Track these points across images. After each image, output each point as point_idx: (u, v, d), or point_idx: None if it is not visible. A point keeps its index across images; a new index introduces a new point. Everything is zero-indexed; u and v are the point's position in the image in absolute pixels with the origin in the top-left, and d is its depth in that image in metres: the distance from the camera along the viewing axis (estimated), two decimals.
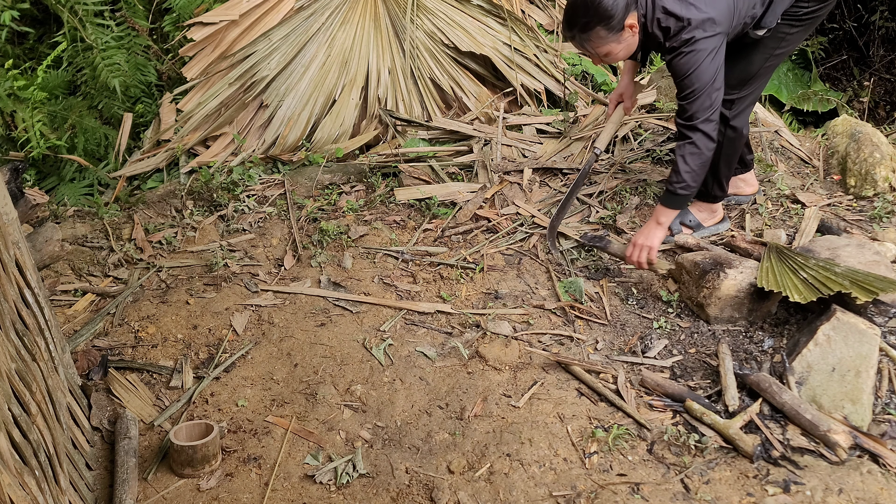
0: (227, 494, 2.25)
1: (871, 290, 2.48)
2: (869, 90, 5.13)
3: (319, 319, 2.88)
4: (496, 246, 3.22)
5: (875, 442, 2.32)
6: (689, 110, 2.71)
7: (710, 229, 3.22)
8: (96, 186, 3.89)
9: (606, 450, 2.36)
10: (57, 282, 3.07)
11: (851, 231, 3.21)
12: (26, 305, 2.18)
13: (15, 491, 1.63)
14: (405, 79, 4.12)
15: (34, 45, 4.34)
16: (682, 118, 2.75)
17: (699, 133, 2.72)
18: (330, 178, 3.71)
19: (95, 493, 2.26)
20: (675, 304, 2.90)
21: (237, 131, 4.05)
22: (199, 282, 3.06)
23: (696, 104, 2.69)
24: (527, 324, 2.85)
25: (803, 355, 2.48)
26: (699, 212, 3.21)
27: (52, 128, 3.99)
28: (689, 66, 2.65)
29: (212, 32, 4.15)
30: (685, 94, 2.70)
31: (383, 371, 2.67)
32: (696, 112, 2.70)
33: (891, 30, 5.22)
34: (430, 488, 2.27)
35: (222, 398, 2.57)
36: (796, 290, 2.58)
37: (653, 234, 2.88)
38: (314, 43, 4.15)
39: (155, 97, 4.30)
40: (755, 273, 2.75)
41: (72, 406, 2.37)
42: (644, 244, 2.88)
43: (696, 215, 3.21)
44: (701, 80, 2.65)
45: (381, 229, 3.33)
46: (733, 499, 2.19)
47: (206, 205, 3.57)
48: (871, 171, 3.50)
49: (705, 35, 2.62)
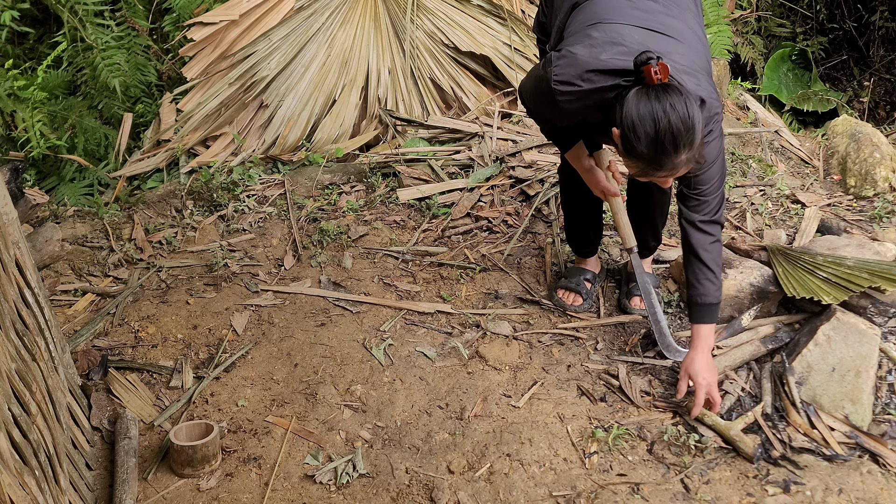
0: (227, 494, 2.25)
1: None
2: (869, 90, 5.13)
3: (319, 319, 2.88)
4: (496, 246, 3.22)
5: (876, 442, 2.32)
6: (712, 203, 2.30)
7: None
8: (96, 186, 3.89)
9: (606, 450, 2.36)
10: (57, 282, 3.07)
11: (851, 231, 3.21)
12: (26, 305, 2.18)
13: (15, 491, 1.63)
14: (405, 79, 4.12)
15: (34, 45, 4.34)
16: (703, 215, 2.31)
17: (720, 226, 2.36)
18: (330, 178, 3.71)
19: (95, 493, 2.26)
20: (675, 303, 2.90)
21: (237, 131, 4.05)
22: (199, 282, 3.06)
23: (718, 195, 2.31)
24: (527, 324, 2.85)
25: (803, 355, 2.48)
26: (653, 275, 2.91)
27: (52, 128, 3.99)
28: (714, 152, 2.22)
29: (212, 32, 4.15)
30: (710, 186, 2.27)
31: (383, 371, 2.67)
32: (718, 204, 2.31)
33: (891, 30, 5.23)
34: (430, 488, 2.27)
35: (222, 398, 2.57)
36: (824, 291, 2.55)
37: (712, 363, 2.41)
38: (314, 43, 4.15)
39: (155, 97, 4.30)
40: (755, 273, 2.75)
41: (72, 406, 2.37)
42: (712, 380, 2.38)
43: (654, 279, 2.89)
44: (722, 165, 2.28)
45: (381, 229, 3.33)
46: (733, 499, 2.19)
47: (206, 205, 3.57)
48: (871, 171, 3.50)
49: (720, 113, 2.25)
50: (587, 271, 2.92)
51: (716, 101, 2.18)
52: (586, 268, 2.93)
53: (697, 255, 2.35)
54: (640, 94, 2.00)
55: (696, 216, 2.32)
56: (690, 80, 2.11)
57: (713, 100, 2.17)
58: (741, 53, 4.93)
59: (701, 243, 2.34)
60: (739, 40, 4.95)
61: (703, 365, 2.38)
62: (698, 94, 2.09)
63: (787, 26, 5.27)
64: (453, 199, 3.49)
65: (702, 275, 2.35)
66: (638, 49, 2.05)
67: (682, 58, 2.16)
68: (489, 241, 3.25)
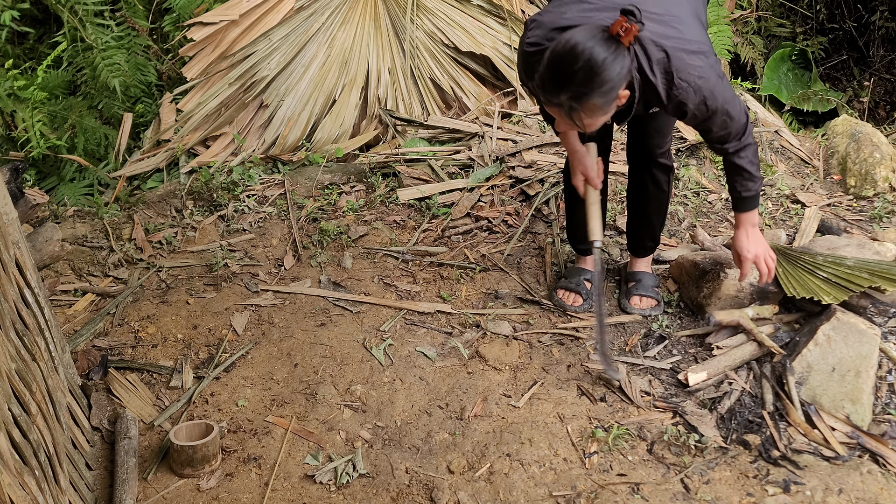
0: (227, 494, 2.25)
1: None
2: (869, 90, 5.13)
3: (319, 319, 2.88)
4: (496, 246, 3.22)
5: (878, 442, 2.32)
6: (733, 133, 2.34)
7: None
8: (96, 186, 3.89)
9: (606, 450, 2.36)
10: (57, 282, 3.07)
11: (851, 231, 3.21)
12: (26, 305, 2.18)
13: (15, 491, 1.63)
14: (405, 79, 4.12)
15: (34, 45, 4.34)
16: (728, 145, 2.37)
17: (748, 135, 2.37)
18: (330, 178, 3.71)
19: (95, 493, 2.26)
20: (674, 303, 2.90)
21: (237, 131, 4.05)
22: (199, 282, 3.06)
23: (734, 126, 2.31)
24: (527, 324, 2.85)
25: (803, 355, 2.48)
26: (650, 268, 2.96)
27: (52, 128, 3.99)
28: (695, 98, 2.22)
29: (212, 32, 4.15)
30: (720, 126, 2.30)
31: (383, 371, 2.67)
32: (740, 131, 2.33)
33: (891, 30, 5.22)
34: (430, 488, 2.27)
35: (222, 398, 2.57)
36: (824, 291, 2.55)
37: (758, 237, 2.53)
38: (314, 43, 4.15)
39: (155, 97, 4.30)
40: (755, 273, 2.75)
41: (72, 406, 2.37)
42: (760, 251, 2.52)
43: (652, 272, 2.95)
44: (725, 97, 2.25)
45: (381, 229, 3.33)
46: (733, 499, 2.19)
47: (206, 205, 3.57)
48: (871, 171, 3.50)
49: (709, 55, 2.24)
50: (587, 271, 2.92)
51: (697, 47, 2.18)
52: (586, 267, 2.93)
53: (733, 164, 2.42)
54: (594, 29, 2.04)
55: (724, 147, 2.38)
56: (658, 28, 2.13)
57: (693, 47, 2.17)
58: (741, 53, 4.93)
59: (734, 160, 2.40)
60: (739, 40, 4.95)
61: (748, 241, 2.51)
62: (662, 45, 2.13)
63: (787, 26, 5.26)
64: (453, 199, 3.49)
65: (739, 178, 2.43)
66: (605, 5, 2.12)
67: (657, 6, 2.18)
68: (489, 241, 3.25)
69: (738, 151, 2.38)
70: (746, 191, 2.46)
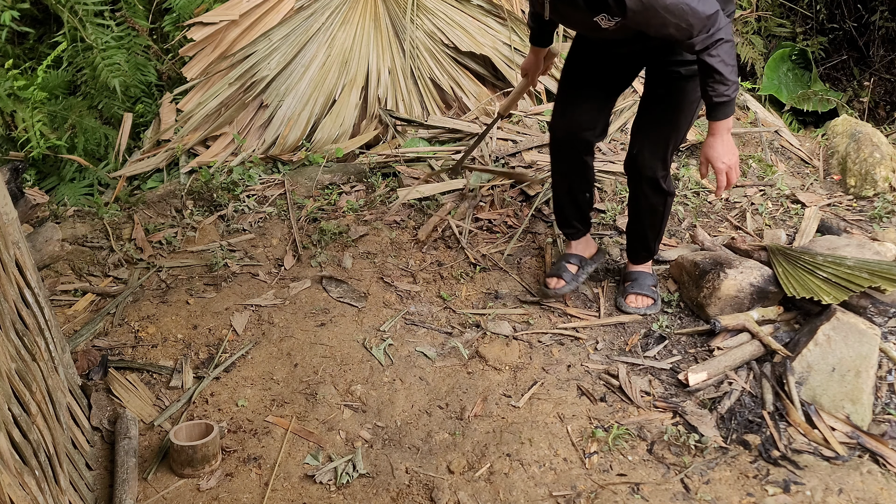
0: (227, 494, 2.25)
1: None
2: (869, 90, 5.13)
3: (319, 319, 2.88)
4: (496, 246, 3.22)
5: (878, 442, 2.32)
6: (696, 24, 2.18)
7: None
8: (96, 186, 3.89)
9: (606, 450, 2.36)
10: (57, 282, 3.07)
11: (851, 231, 3.21)
12: (26, 305, 2.18)
13: (15, 491, 1.63)
14: (405, 79, 4.12)
15: (34, 45, 4.34)
16: (695, 39, 2.22)
17: (720, 30, 2.21)
18: (330, 178, 3.71)
19: (95, 493, 2.26)
20: (674, 303, 2.90)
21: (237, 131, 4.05)
22: (199, 282, 3.06)
23: (694, 15, 2.16)
24: (527, 324, 2.85)
25: (803, 355, 2.48)
26: (649, 270, 2.94)
27: (52, 128, 3.98)
28: None
29: (212, 32, 4.15)
30: (677, 19, 2.16)
31: (383, 371, 2.67)
32: (700, 20, 2.17)
33: (891, 30, 5.22)
34: (430, 488, 2.27)
35: (222, 398, 2.57)
36: (824, 291, 2.56)
37: (731, 146, 2.40)
38: (314, 43, 4.14)
39: (155, 97, 4.30)
40: (755, 273, 2.75)
41: (72, 406, 2.37)
42: (731, 162, 2.40)
43: (651, 273, 2.94)
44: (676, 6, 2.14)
45: (381, 229, 3.33)
46: (733, 499, 2.19)
47: (206, 205, 3.57)
48: (871, 171, 3.50)
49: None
50: (571, 255, 2.96)
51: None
52: (571, 252, 2.97)
53: (703, 64, 2.27)
54: None
55: (691, 43, 2.23)
56: None
57: None
58: (741, 53, 4.93)
59: (704, 59, 2.26)
60: (739, 40, 4.95)
61: (722, 148, 2.39)
62: None
63: (787, 26, 5.26)
64: (454, 200, 3.49)
65: (710, 80, 2.29)
66: None
67: None
68: (489, 241, 3.25)
69: (707, 48, 2.22)
70: (718, 96, 2.31)
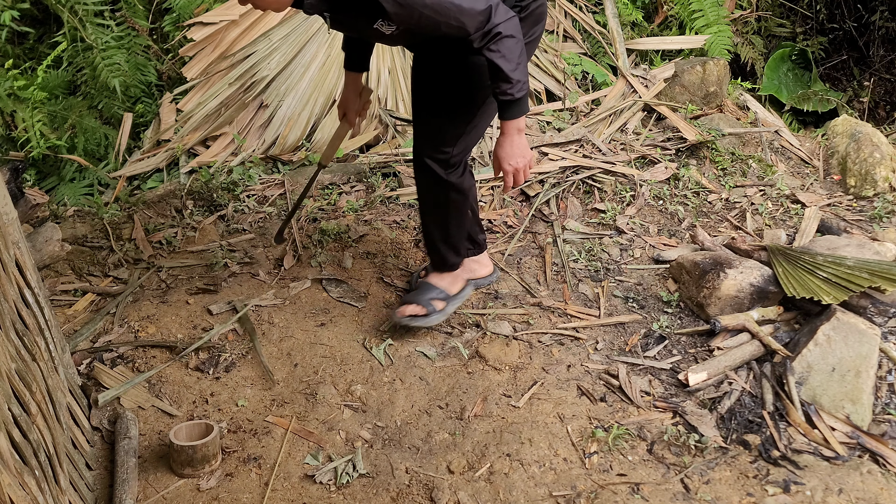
0: (227, 494, 2.25)
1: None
2: (869, 90, 5.13)
3: (319, 319, 2.88)
4: (496, 246, 3.22)
5: (878, 442, 2.32)
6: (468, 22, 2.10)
7: (461, 295, 2.85)
8: (96, 186, 3.89)
9: (606, 450, 2.36)
10: (57, 282, 3.07)
11: (851, 231, 3.21)
12: (26, 305, 2.18)
13: (15, 491, 1.63)
14: (405, 79, 4.12)
15: (34, 45, 4.33)
16: (473, 37, 2.15)
17: (498, 25, 2.13)
18: (330, 178, 3.71)
19: (95, 493, 2.26)
20: (674, 303, 2.90)
21: (237, 131, 4.05)
22: (199, 282, 3.06)
23: (464, 13, 2.09)
24: (527, 324, 2.85)
25: (803, 355, 2.48)
26: (443, 283, 2.80)
27: (52, 128, 3.98)
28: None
29: (212, 32, 4.15)
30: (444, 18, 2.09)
31: (383, 371, 2.67)
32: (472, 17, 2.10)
33: (891, 30, 5.22)
34: (430, 488, 2.27)
35: (222, 398, 2.57)
36: (824, 291, 2.56)
37: (521, 147, 2.34)
38: (314, 43, 4.14)
39: (155, 97, 4.30)
40: (755, 273, 2.75)
41: (72, 406, 2.37)
42: (519, 164, 2.36)
43: (443, 287, 2.79)
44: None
45: (381, 229, 3.33)
46: (733, 499, 2.19)
47: (206, 205, 3.57)
48: (871, 171, 3.50)
49: None
50: None
51: None
52: None
53: (488, 62, 2.20)
54: None
55: (470, 40, 2.16)
56: None
57: None
58: (741, 53, 4.93)
59: (486, 56, 2.18)
60: (739, 40, 4.95)
61: (511, 149, 2.33)
62: None
63: (787, 26, 5.26)
64: None
65: (494, 77, 2.21)
66: None
67: None
68: (489, 241, 3.25)
69: (486, 45, 2.15)
70: (502, 94, 2.22)
